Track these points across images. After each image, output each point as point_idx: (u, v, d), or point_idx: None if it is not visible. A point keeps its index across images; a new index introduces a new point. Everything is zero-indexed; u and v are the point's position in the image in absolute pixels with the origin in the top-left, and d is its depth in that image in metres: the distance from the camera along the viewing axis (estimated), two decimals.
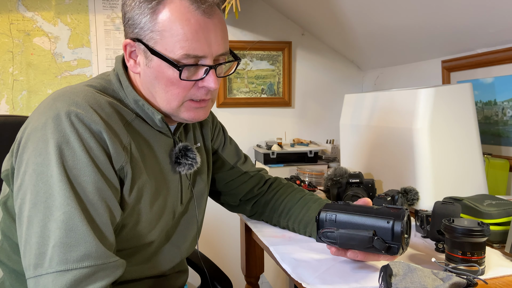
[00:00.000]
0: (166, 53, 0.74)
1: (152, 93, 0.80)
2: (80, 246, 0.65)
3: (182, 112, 0.81)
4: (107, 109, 0.75)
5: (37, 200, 0.67)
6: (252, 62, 2.36)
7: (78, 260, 0.65)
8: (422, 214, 0.99)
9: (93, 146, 0.70)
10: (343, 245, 0.79)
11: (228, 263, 2.20)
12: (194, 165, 0.87)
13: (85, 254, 0.65)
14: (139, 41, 0.76)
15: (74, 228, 0.65)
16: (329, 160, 2.27)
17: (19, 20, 2.05)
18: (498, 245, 0.93)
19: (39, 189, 0.67)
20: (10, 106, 2.07)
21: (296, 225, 1.02)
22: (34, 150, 0.69)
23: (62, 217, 0.65)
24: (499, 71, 1.40)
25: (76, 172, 0.68)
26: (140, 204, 0.79)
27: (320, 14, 2.04)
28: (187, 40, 0.74)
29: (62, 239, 0.65)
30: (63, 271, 0.64)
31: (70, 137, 0.68)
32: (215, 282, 1.11)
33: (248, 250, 1.36)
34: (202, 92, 0.79)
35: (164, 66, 0.76)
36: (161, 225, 0.86)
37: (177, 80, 0.76)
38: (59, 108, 0.70)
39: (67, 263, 0.64)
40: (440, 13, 1.45)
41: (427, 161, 1.16)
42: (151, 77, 0.78)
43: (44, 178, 0.67)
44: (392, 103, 1.31)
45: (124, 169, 0.74)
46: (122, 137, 0.75)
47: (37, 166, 0.68)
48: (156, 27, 0.74)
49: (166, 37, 0.74)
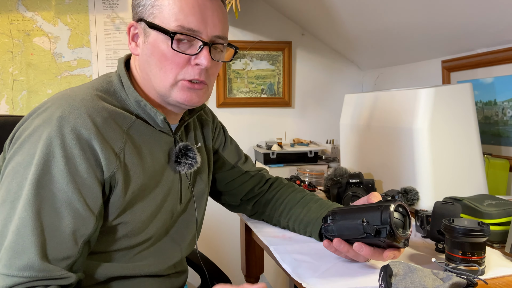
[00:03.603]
0: (162, 25, 0.77)
1: (148, 73, 0.81)
2: (25, 255, 0.65)
3: (175, 92, 0.80)
4: (104, 114, 0.75)
5: (6, 198, 0.68)
6: (252, 62, 2.36)
7: (20, 269, 0.65)
8: (422, 214, 0.98)
9: (76, 154, 0.70)
10: (341, 236, 0.82)
11: (228, 263, 2.20)
12: (194, 165, 0.87)
13: (28, 265, 0.65)
14: (140, 20, 0.79)
15: (23, 236, 0.65)
16: (329, 160, 2.27)
17: (19, 20, 2.05)
18: (498, 245, 0.93)
19: (11, 187, 0.68)
20: (10, 106, 2.07)
21: (297, 225, 1.02)
22: (20, 149, 0.70)
23: (17, 222, 0.66)
24: (499, 71, 1.40)
25: (49, 178, 0.68)
26: (134, 204, 0.79)
27: (320, 14, 2.04)
28: (182, 12, 0.76)
29: (12, 244, 0.65)
30: (6, 275, 0.64)
31: (54, 143, 0.69)
32: (215, 282, 1.11)
33: (248, 250, 1.36)
34: (195, 71, 0.79)
35: (159, 40, 0.77)
36: (156, 224, 0.86)
37: (171, 54, 0.77)
38: (54, 111, 0.71)
39: (10, 268, 0.64)
40: (440, 13, 1.45)
41: (427, 161, 1.16)
42: (147, 55, 0.79)
43: (19, 178, 0.68)
44: (392, 103, 1.31)
45: (116, 175, 0.74)
46: (115, 143, 0.75)
47: (17, 165, 0.69)
48: (156, 2, 0.77)
49: (164, 11, 0.76)
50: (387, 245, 0.77)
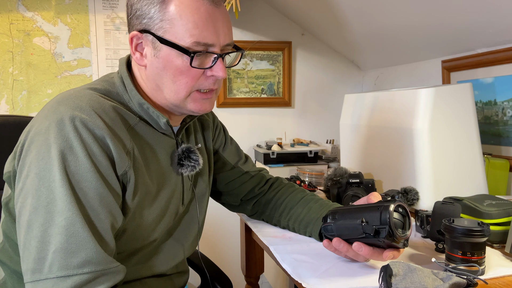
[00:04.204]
0: (176, 41, 0.75)
1: (159, 85, 0.80)
2: (81, 252, 0.65)
3: (189, 103, 0.81)
4: (111, 113, 0.75)
5: (38, 204, 0.66)
6: (252, 62, 2.36)
7: (79, 266, 0.65)
8: (422, 214, 0.98)
9: (96, 152, 0.70)
10: (340, 235, 0.82)
11: (228, 263, 2.19)
12: (196, 167, 0.87)
13: (86, 260, 0.65)
14: (147, 32, 0.77)
15: (75, 234, 0.65)
16: (329, 160, 2.27)
17: (19, 20, 2.05)
18: (498, 245, 0.93)
19: (41, 193, 0.67)
20: (10, 106, 2.07)
21: (297, 225, 1.02)
22: (37, 154, 0.69)
23: (64, 222, 0.65)
24: (499, 71, 1.40)
25: (78, 177, 0.68)
26: (142, 209, 0.79)
27: (320, 14, 2.04)
28: (197, 28, 0.75)
29: (63, 245, 0.65)
30: (64, 276, 0.64)
31: (73, 142, 0.68)
32: (215, 282, 1.11)
33: (248, 250, 1.36)
34: (210, 82, 0.80)
35: (173, 55, 0.76)
36: (162, 226, 0.86)
37: (186, 69, 0.77)
38: (63, 112, 0.70)
39: (68, 269, 0.64)
40: (440, 13, 1.45)
41: (427, 161, 1.16)
42: (159, 68, 0.78)
43: (46, 183, 0.67)
44: (392, 103, 1.31)
45: (128, 174, 0.74)
46: (126, 142, 0.75)
47: (40, 170, 0.68)
48: (166, 16, 0.75)
49: (176, 25, 0.75)
50: (386, 245, 0.77)
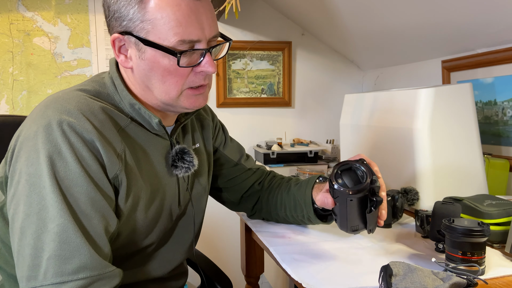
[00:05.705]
0: (160, 41, 0.72)
1: (148, 86, 0.78)
2: (75, 258, 0.65)
3: (182, 101, 0.79)
4: (100, 115, 0.73)
5: (30, 211, 0.66)
6: (252, 62, 2.36)
7: (74, 272, 0.64)
8: (422, 214, 0.98)
9: (86, 156, 0.69)
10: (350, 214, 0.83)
11: (228, 263, 2.19)
12: (191, 168, 0.86)
13: (81, 266, 0.65)
14: (128, 34, 0.74)
15: (68, 240, 0.65)
16: (329, 160, 2.27)
17: (19, 20, 2.04)
18: (498, 245, 0.93)
19: (32, 200, 0.66)
20: (10, 106, 2.07)
21: (294, 213, 1.02)
22: (26, 160, 0.68)
23: (56, 229, 0.65)
24: (499, 71, 1.40)
25: (69, 183, 0.67)
26: (136, 212, 0.78)
27: (320, 14, 2.04)
28: (180, 25, 0.72)
29: (57, 252, 0.64)
30: (59, 283, 0.63)
31: (62, 147, 0.67)
32: (215, 282, 1.11)
33: (248, 250, 1.36)
34: (200, 78, 0.78)
35: (159, 56, 0.74)
36: (158, 229, 0.85)
37: (174, 69, 0.75)
38: (50, 116, 0.69)
39: (63, 275, 0.64)
40: (440, 13, 1.45)
41: (427, 161, 1.16)
42: (146, 70, 0.76)
43: (37, 189, 0.66)
44: (392, 103, 1.31)
45: (119, 177, 0.73)
46: (116, 144, 0.73)
47: (30, 176, 0.67)
48: (146, 16, 0.72)
49: (158, 25, 0.72)
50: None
